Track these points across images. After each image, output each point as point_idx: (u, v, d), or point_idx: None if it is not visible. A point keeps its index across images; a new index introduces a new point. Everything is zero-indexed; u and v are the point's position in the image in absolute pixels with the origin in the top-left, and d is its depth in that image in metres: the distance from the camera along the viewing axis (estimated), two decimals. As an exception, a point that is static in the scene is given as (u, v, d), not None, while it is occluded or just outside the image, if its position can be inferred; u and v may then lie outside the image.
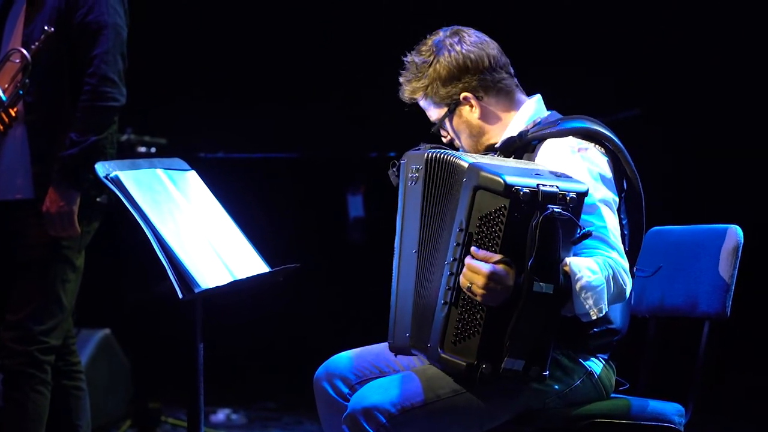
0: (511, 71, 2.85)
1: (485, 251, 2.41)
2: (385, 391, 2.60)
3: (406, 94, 2.87)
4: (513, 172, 2.42)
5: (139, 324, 5.43)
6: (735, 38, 5.30)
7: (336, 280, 5.50)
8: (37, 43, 3.38)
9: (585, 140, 2.69)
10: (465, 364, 2.46)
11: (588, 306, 2.46)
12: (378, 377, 2.79)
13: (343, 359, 2.88)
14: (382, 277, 2.79)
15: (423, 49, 2.84)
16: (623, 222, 2.71)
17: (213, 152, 5.54)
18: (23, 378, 3.41)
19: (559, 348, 2.60)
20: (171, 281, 2.71)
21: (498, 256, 2.40)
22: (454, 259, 2.48)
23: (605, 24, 5.49)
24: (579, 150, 2.67)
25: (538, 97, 2.87)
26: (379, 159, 5.09)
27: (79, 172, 3.36)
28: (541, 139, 2.72)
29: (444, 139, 2.91)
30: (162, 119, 5.69)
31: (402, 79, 2.87)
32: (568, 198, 2.40)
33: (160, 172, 2.93)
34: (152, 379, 5.29)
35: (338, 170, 5.45)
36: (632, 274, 2.65)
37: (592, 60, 5.44)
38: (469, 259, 2.42)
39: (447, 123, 2.86)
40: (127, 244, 4.89)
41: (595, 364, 2.71)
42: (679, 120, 5.47)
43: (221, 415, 5.44)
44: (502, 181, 2.39)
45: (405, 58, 2.86)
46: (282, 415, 5.56)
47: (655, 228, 3.10)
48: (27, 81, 3.38)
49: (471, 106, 2.82)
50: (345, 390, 2.83)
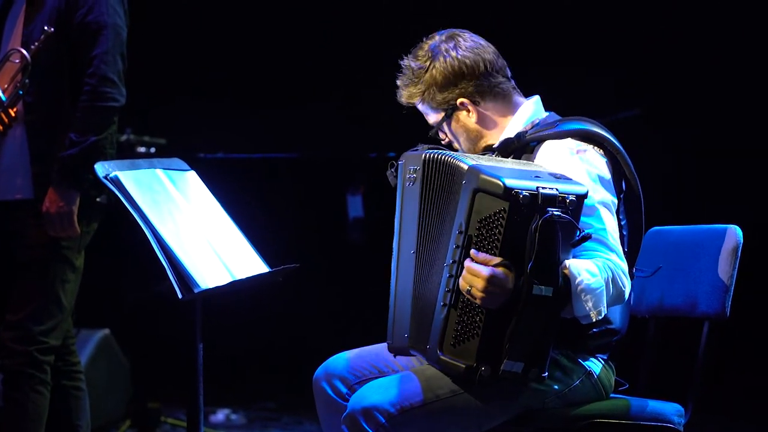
0: (508, 74, 2.84)
1: (485, 254, 2.40)
2: (385, 392, 2.60)
3: (403, 98, 2.87)
4: (512, 175, 2.41)
5: (138, 324, 5.43)
6: (735, 38, 5.30)
7: (335, 280, 5.49)
8: (36, 43, 3.38)
9: (584, 142, 2.68)
10: (464, 366, 2.45)
11: (587, 308, 2.45)
12: (377, 377, 2.79)
13: (342, 359, 2.88)
14: (382, 277, 2.78)
15: (419, 53, 2.83)
16: (622, 223, 2.71)
17: (212, 152, 5.53)
18: (23, 378, 3.40)
19: (558, 348, 2.60)
20: (170, 281, 2.71)
21: (498, 259, 2.39)
22: (454, 262, 2.47)
23: (605, 24, 5.49)
24: (578, 152, 2.66)
25: (536, 98, 2.86)
26: (378, 159, 5.09)
27: (79, 172, 3.36)
28: (539, 141, 2.72)
29: (442, 142, 2.91)
30: (161, 119, 5.69)
31: (399, 82, 2.87)
32: (567, 201, 2.39)
33: (159, 172, 2.93)
34: (152, 379, 5.29)
35: (338, 170, 5.44)
36: (631, 275, 2.64)
37: (592, 60, 5.44)
38: (468, 262, 2.42)
39: (445, 127, 2.86)
40: (127, 245, 4.88)
41: (595, 365, 2.70)
42: (679, 120, 5.46)
43: (221, 416, 5.44)
44: (501, 184, 2.37)
45: (402, 62, 2.86)
46: (281, 415, 5.56)
47: (655, 228, 3.10)
48: (27, 81, 3.38)
49: (468, 111, 2.81)
50: (344, 390, 2.83)
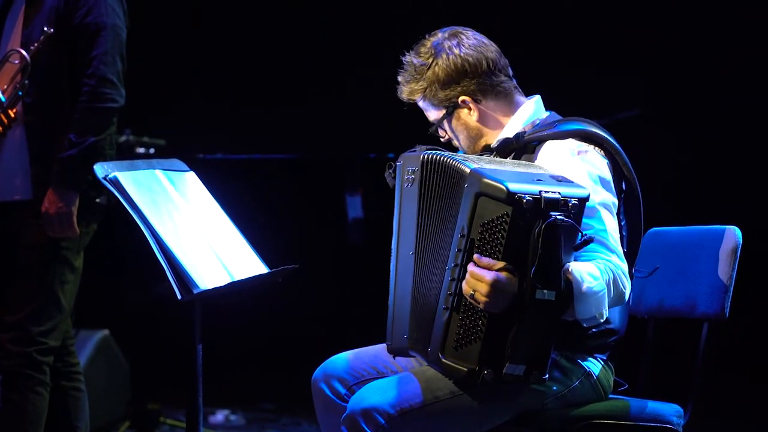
0: (510, 73, 2.84)
1: (488, 258, 2.40)
2: (384, 393, 2.60)
3: (404, 94, 2.87)
4: (515, 178, 2.41)
5: (138, 325, 5.43)
6: (735, 38, 5.30)
7: (334, 281, 5.49)
8: (36, 44, 3.38)
9: (585, 142, 2.68)
10: (466, 369, 2.45)
11: (589, 311, 2.45)
12: (375, 378, 2.79)
13: (341, 360, 2.88)
14: (380, 278, 2.78)
15: (422, 50, 2.83)
16: (622, 223, 2.71)
17: (212, 153, 5.53)
18: (22, 379, 3.40)
19: (557, 349, 2.59)
20: (170, 282, 2.71)
21: (501, 264, 2.39)
22: (456, 265, 2.46)
23: (605, 24, 5.48)
24: (579, 152, 2.66)
25: (537, 98, 2.86)
26: (377, 160, 5.09)
27: (78, 173, 3.36)
28: (540, 141, 2.71)
29: (442, 139, 2.91)
30: (161, 120, 5.69)
31: (400, 78, 2.87)
32: (570, 204, 2.38)
33: (158, 173, 2.93)
34: (151, 380, 5.30)
35: (337, 171, 5.44)
36: (630, 275, 2.64)
37: (592, 60, 5.44)
38: (472, 267, 2.41)
39: (445, 124, 2.86)
40: (126, 246, 4.88)
41: (594, 365, 2.70)
42: (679, 120, 5.46)
43: (220, 416, 5.44)
44: (504, 189, 2.37)
45: (404, 58, 2.86)
46: (280, 416, 5.56)
47: (654, 229, 3.09)
48: (26, 82, 3.38)
49: (469, 109, 2.81)
50: (342, 391, 2.83)
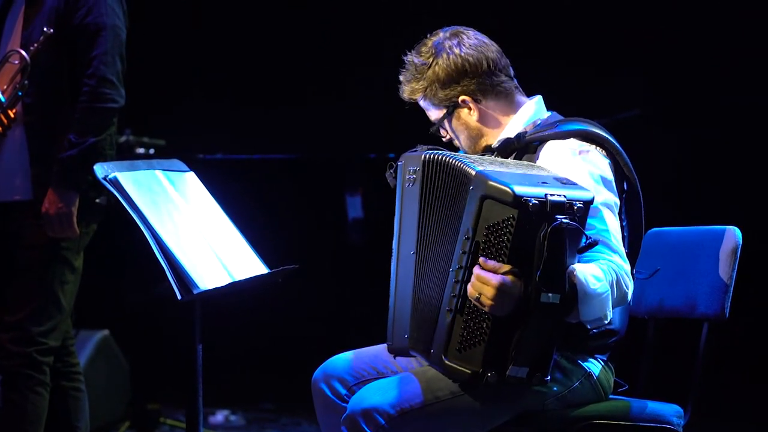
0: (511, 73, 2.84)
1: (494, 262, 2.39)
2: (384, 393, 2.60)
3: (405, 93, 2.87)
4: (520, 181, 2.40)
5: (138, 325, 5.43)
6: (735, 38, 5.30)
7: (334, 281, 5.49)
8: (36, 45, 3.38)
9: (586, 142, 2.68)
10: (470, 372, 2.45)
11: (593, 313, 2.44)
12: (375, 378, 2.79)
13: (341, 361, 2.88)
14: (381, 278, 2.78)
15: (423, 50, 2.83)
16: (623, 224, 2.71)
17: (212, 153, 5.53)
18: (22, 379, 3.40)
19: (558, 350, 2.59)
20: (170, 282, 2.71)
21: (507, 267, 2.38)
22: (460, 267, 2.46)
23: (605, 24, 5.48)
24: (580, 152, 2.66)
25: (538, 98, 2.86)
26: (378, 160, 5.09)
27: (78, 173, 3.36)
28: (542, 141, 2.71)
29: (443, 139, 2.91)
30: (161, 120, 5.69)
31: (401, 78, 2.87)
32: (575, 207, 2.38)
33: (158, 173, 2.93)
34: (151, 380, 5.29)
35: (337, 171, 5.44)
36: (632, 276, 2.64)
37: (592, 60, 5.44)
38: (478, 270, 2.40)
39: (446, 124, 2.86)
40: (126, 245, 4.88)
41: (594, 366, 2.70)
42: (679, 120, 5.46)
43: (220, 417, 5.44)
44: (510, 192, 2.36)
45: (405, 57, 2.86)
46: (280, 417, 5.56)
47: (654, 229, 3.09)
48: (26, 82, 3.38)
49: (469, 109, 2.81)
50: (342, 391, 2.83)
